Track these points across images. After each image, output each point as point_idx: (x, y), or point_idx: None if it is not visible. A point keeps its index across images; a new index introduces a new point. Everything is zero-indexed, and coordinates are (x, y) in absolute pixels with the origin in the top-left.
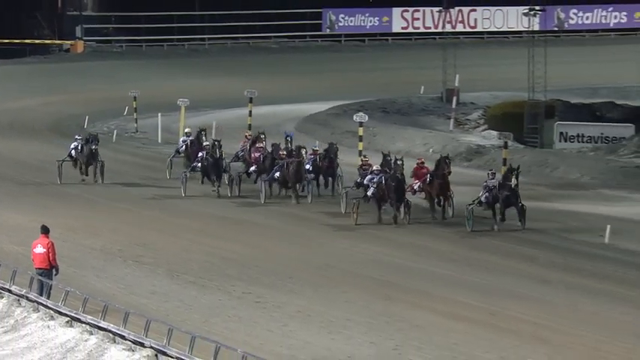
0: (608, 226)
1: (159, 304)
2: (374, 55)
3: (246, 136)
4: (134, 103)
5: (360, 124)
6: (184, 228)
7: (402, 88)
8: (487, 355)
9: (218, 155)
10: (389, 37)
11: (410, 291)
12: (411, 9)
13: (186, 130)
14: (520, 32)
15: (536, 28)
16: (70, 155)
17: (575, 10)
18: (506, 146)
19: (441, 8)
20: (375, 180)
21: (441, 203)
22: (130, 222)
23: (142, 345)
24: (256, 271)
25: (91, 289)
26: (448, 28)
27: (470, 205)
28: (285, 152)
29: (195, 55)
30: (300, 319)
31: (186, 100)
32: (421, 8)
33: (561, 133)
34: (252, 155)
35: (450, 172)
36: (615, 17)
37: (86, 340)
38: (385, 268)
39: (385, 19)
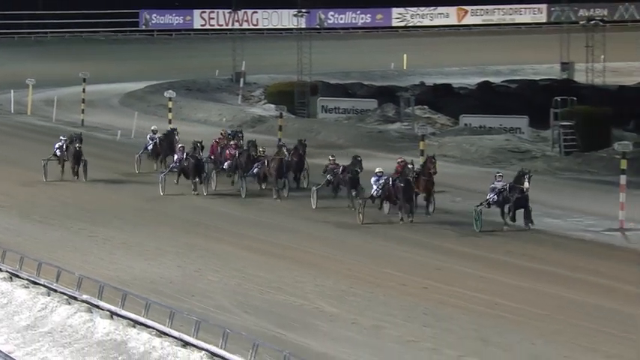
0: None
1: (12, 238)
2: (179, 46)
3: (216, 140)
4: None
5: (170, 98)
6: (34, 180)
7: (202, 71)
8: (265, 274)
9: (199, 156)
10: (191, 32)
11: (212, 228)
12: (207, 10)
13: (153, 127)
14: (291, 29)
15: (303, 25)
16: (54, 154)
17: (332, 12)
18: (281, 116)
19: (231, 10)
20: (380, 182)
21: (425, 199)
22: None
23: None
24: (90, 213)
25: None
26: (236, 25)
27: (478, 206)
28: (262, 150)
29: (40, 44)
30: (123, 249)
31: (33, 80)
32: (215, 10)
33: (323, 107)
34: (227, 152)
35: (435, 172)
36: (362, 18)
37: None
38: (196, 211)
39: (188, 18)
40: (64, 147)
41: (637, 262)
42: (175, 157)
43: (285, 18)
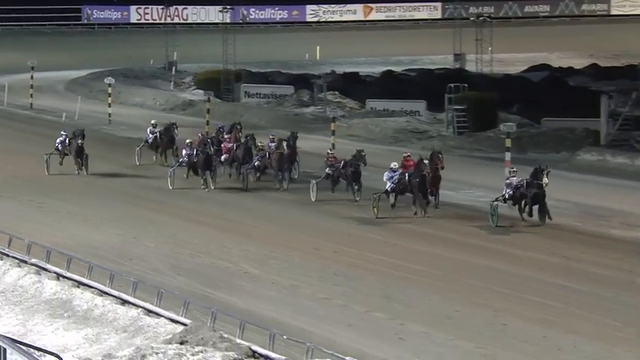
0: None
1: None
2: (117, 38)
3: (201, 134)
4: None
5: (109, 84)
6: None
7: (138, 61)
8: (196, 241)
9: (209, 151)
10: (128, 26)
11: (151, 201)
12: (143, 6)
13: (153, 121)
14: (217, 23)
15: (228, 20)
16: (57, 149)
17: (253, 9)
18: (209, 100)
19: (163, 6)
20: (394, 177)
21: (432, 193)
22: None
23: None
24: (38, 186)
25: None
26: (169, 20)
27: (494, 201)
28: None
29: None
30: (69, 218)
31: None
32: (150, 6)
33: (246, 92)
34: (223, 145)
35: (442, 167)
36: (280, 14)
37: None
38: (139, 186)
39: (125, 13)
40: (67, 141)
41: (524, 228)
42: (184, 151)
43: (212, 14)
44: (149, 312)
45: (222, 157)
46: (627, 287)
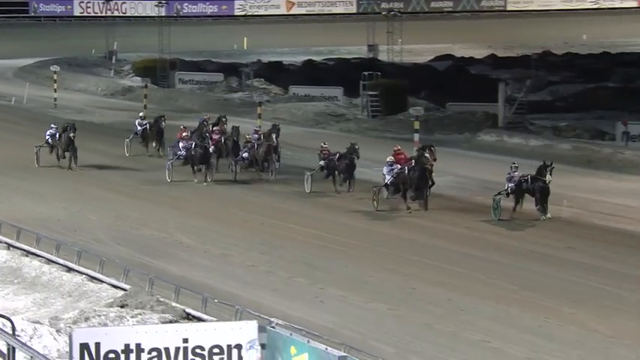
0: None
1: None
2: (62, 30)
3: (182, 128)
4: None
5: (55, 72)
6: None
7: (81, 50)
8: (136, 215)
9: (207, 145)
10: (72, 19)
11: (94, 177)
12: (85, 0)
13: (141, 114)
14: (154, 17)
15: (163, 14)
16: (47, 142)
17: (186, 4)
18: (146, 86)
19: (104, 1)
20: (394, 170)
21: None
22: None
23: None
24: None
25: None
26: (109, 13)
27: (496, 195)
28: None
29: None
30: (20, 195)
31: None
32: (92, 0)
33: (180, 79)
34: (211, 137)
35: (435, 159)
36: (210, 8)
37: None
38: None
39: (69, 7)
40: (57, 135)
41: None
42: (181, 144)
43: (148, 8)
44: (92, 278)
45: (211, 149)
46: (523, 254)
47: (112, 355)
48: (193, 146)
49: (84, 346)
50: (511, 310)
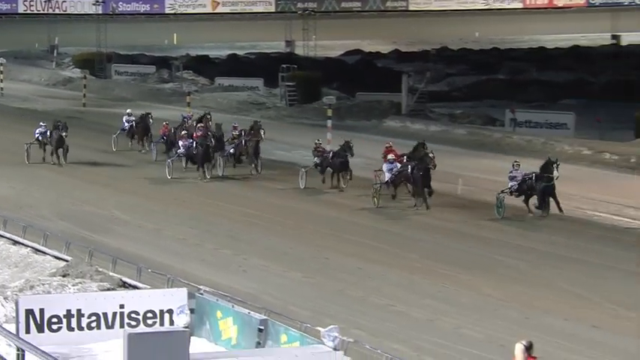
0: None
1: None
2: (7, 26)
3: (165, 124)
4: None
5: (1, 64)
6: None
7: (25, 44)
8: (78, 193)
9: (210, 143)
10: (16, 15)
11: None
12: None
13: (128, 110)
14: (92, 14)
15: (100, 12)
16: (37, 139)
17: (121, 2)
18: (85, 77)
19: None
20: (395, 169)
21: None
22: None
23: None
24: None
25: None
26: (51, 11)
27: (500, 193)
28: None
29: None
30: None
31: None
32: None
33: (116, 71)
34: (195, 134)
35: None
36: (143, 7)
37: None
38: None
39: (14, 5)
40: (48, 133)
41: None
42: (181, 142)
43: (87, 6)
44: (37, 251)
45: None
46: (425, 228)
47: (54, 320)
48: (195, 145)
49: (29, 312)
50: (414, 277)
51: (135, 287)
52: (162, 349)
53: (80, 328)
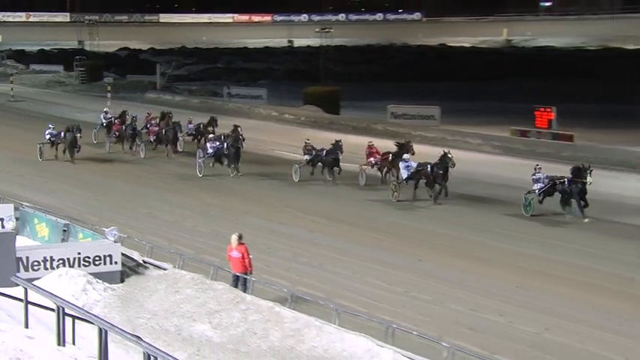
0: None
1: None
2: None
3: (148, 113)
4: None
5: None
6: None
7: None
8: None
9: (240, 145)
10: None
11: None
12: None
13: (105, 108)
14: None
15: None
16: (49, 140)
17: None
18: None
19: None
20: (411, 167)
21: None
22: None
23: None
24: None
25: None
26: None
27: (528, 193)
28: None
29: None
30: None
31: None
32: None
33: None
34: (151, 129)
35: (413, 153)
36: None
37: None
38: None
39: None
40: (62, 134)
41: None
42: (209, 144)
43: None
44: None
45: (151, 138)
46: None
47: None
48: (226, 146)
49: None
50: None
51: None
52: None
53: None
